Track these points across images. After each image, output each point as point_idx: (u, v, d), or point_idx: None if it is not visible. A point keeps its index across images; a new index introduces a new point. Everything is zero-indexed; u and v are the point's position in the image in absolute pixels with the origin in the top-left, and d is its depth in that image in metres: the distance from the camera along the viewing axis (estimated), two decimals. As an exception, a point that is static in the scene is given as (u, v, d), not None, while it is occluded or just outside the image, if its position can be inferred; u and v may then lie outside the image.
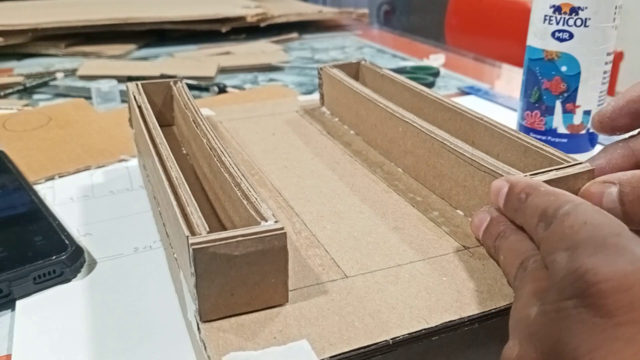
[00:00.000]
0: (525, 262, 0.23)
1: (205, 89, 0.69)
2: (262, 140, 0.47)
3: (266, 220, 0.25)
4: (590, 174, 0.28)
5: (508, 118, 0.57)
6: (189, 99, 0.43)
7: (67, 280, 0.32)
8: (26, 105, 0.64)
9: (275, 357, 0.23)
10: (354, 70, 0.53)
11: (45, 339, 0.28)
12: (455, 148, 0.33)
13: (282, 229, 0.25)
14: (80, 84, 0.72)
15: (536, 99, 0.42)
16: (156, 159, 0.32)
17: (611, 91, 1.15)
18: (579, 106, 0.42)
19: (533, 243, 0.24)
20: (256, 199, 0.27)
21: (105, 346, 0.28)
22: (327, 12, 1.11)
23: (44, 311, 0.30)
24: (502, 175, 0.29)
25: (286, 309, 0.26)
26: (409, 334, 0.24)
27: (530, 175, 0.28)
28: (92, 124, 0.57)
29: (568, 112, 0.42)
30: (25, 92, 0.69)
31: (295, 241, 0.32)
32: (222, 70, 0.78)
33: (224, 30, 0.97)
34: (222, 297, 0.25)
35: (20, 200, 0.38)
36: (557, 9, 0.39)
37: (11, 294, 0.29)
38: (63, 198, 0.42)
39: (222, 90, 0.69)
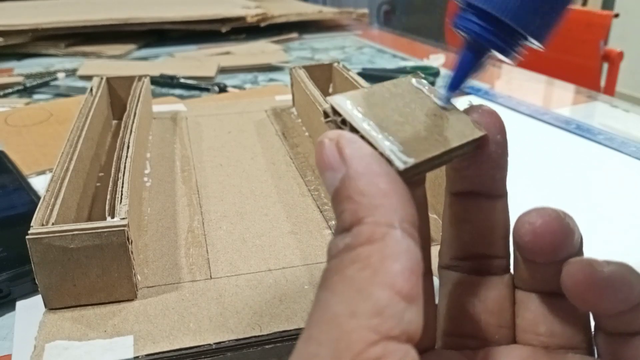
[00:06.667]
0: None
1: (206, 89, 0.69)
2: (214, 137, 0.47)
3: (112, 217, 0.26)
4: None
5: (508, 118, 0.57)
6: (139, 95, 0.44)
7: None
8: (27, 104, 0.63)
9: (96, 348, 0.24)
10: (327, 71, 0.53)
11: (45, 338, 0.28)
12: None
13: (123, 226, 0.26)
14: (81, 84, 0.72)
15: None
16: (69, 150, 0.34)
17: (611, 91, 1.15)
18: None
19: None
20: (120, 196, 0.28)
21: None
22: (327, 12, 1.11)
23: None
24: None
25: (133, 304, 0.27)
26: (236, 340, 0.24)
27: None
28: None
29: None
30: (26, 92, 0.68)
31: (181, 239, 0.32)
32: (222, 70, 0.78)
33: (224, 30, 0.97)
34: (64, 286, 0.26)
35: (20, 200, 0.38)
36: None
37: (11, 294, 0.29)
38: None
39: (223, 90, 0.68)
